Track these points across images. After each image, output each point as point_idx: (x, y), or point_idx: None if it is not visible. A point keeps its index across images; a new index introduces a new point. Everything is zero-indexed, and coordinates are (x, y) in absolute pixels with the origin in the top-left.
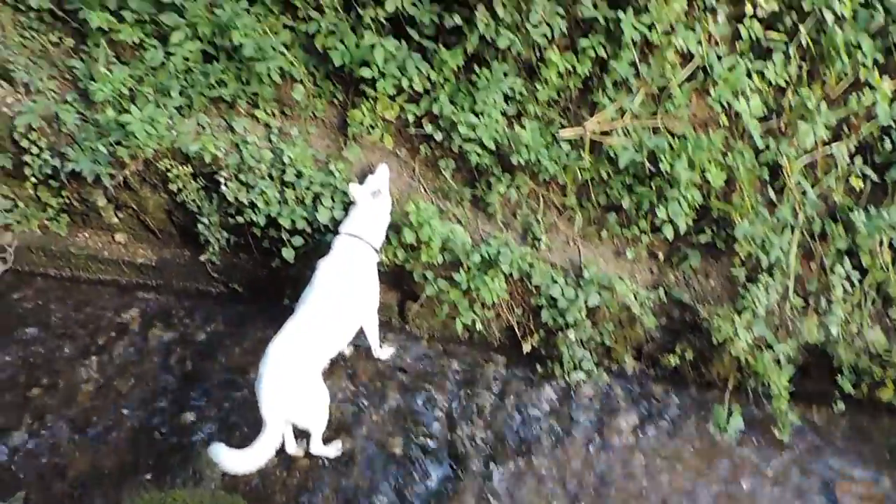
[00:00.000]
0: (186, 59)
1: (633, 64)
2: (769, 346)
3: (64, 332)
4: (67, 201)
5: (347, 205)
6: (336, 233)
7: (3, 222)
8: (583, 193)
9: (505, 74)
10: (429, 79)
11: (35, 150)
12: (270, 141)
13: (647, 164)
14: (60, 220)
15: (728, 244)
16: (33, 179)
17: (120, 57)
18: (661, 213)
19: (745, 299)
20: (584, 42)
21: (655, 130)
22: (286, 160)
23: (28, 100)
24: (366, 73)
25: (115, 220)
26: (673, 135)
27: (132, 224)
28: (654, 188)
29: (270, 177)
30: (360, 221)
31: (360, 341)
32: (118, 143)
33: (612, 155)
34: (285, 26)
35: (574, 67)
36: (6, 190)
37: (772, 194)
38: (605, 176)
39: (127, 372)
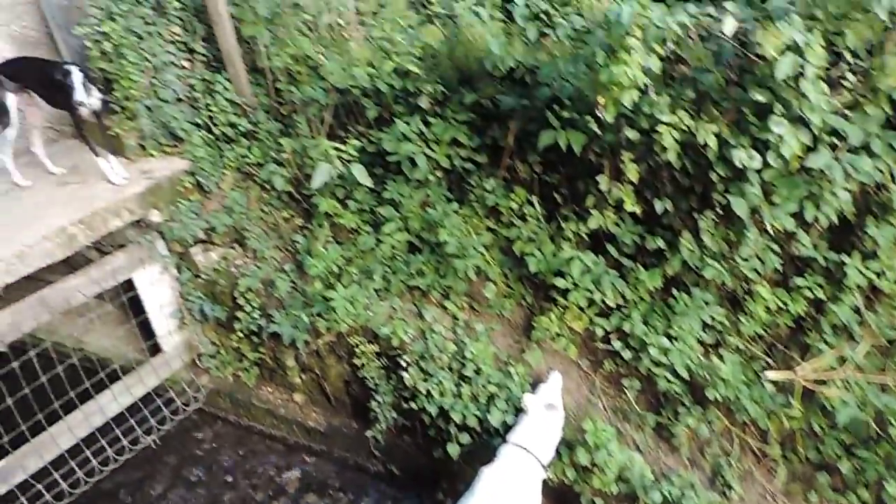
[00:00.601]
0: (393, 248)
1: (857, 310)
2: None
3: (227, 481)
4: (262, 357)
5: (519, 411)
6: (504, 440)
7: (205, 365)
8: (788, 444)
9: (706, 302)
10: (623, 295)
11: (248, 308)
12: (455, 333)
13: (874, 425)
14: (251, 371)
15: None
16: (240, 333)
17: (336, 237)
18: (891, 488)
19: None
20: (799, 280)
21: (884, 388)
22: (468, 354)
23: (253, 264)
24: (560, 282)
25: (298, 380)
26: None
27: (311, 387)
28: (881, 456)
29: (450, 368)
30: (531, 433)
31: None
32: (319, 315)
33: (828, 408)
34: (488, 229)
35: (786, 305)
36: (215, 337)
37: None
38: (817, 430)
39: None
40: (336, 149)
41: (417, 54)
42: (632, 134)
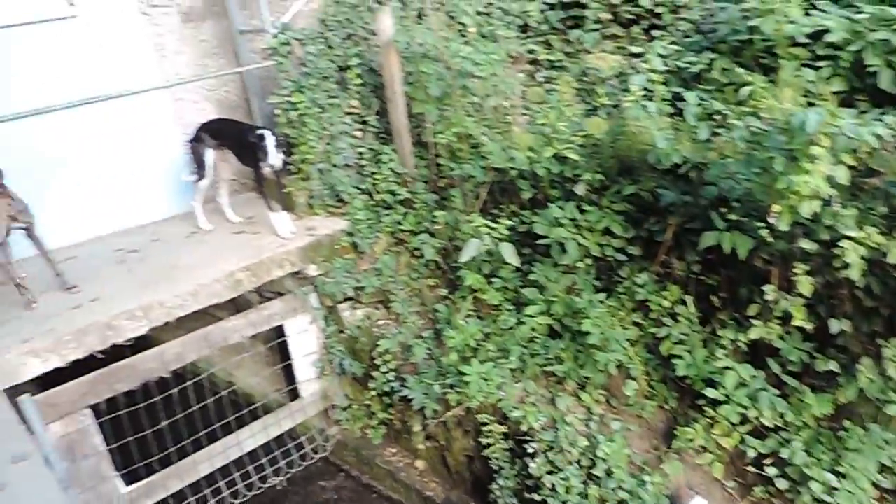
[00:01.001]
0: (533, 330)
1: None
2: None
3: None
4: (390, 418)
5: None
6: None
7: (337, 417)
8: None
9: (886, 442)
10: (783, 417)
11: (384, 368)
12: (588, 427)
13: None
14: (378, 430)
15: None
16: (373, 391)
17: (478, 312)
18: None
19: None
20: None
21: None
22: (600, 453)
23: (395, 327)
24: (710, 392)
25: (422, 447)
26: None
27: (434, 456)
28: None
29: (579, 464)
30: None
31: None
32: (451, 387)
33: None
34: (635, 323)
35: None
36: (349, 391)
37: None
38: None
39: None
40: (487, 226)
41: (579, 142)
42: (808, 245)
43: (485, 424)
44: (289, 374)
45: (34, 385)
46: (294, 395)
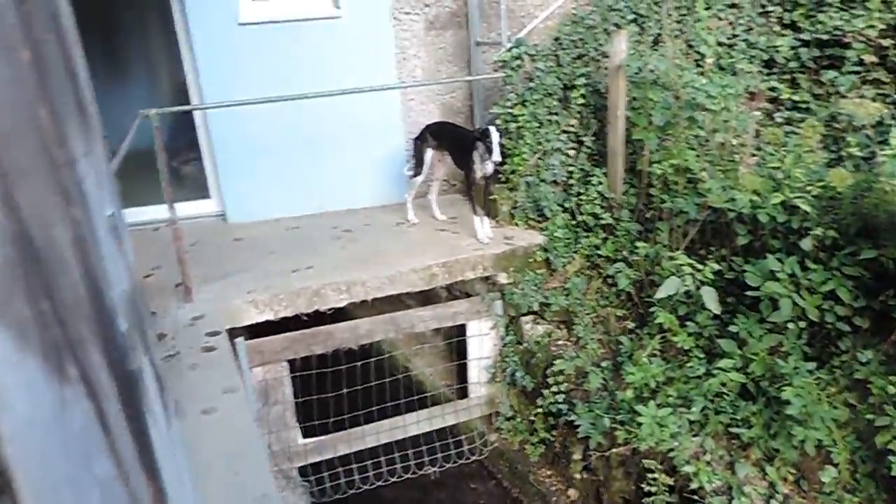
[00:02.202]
0: (723, 385)
1: None
2: None
3: None
4: (551, 439)
5: None
6: None
7: (499, 425)
8: None
9: None
10: None
11: (555, 389)
12: None
13: None
14: (536, 448)
15: None
16: (539, 409)
17: (664, 353)
18: None
19: None
20: None
21: None
22: None
23: (573, 350)
24: None
25: (578, 476)
26: None
27: (588, 489)
28: None
29: None
30: None
31: None
32: (621, 423)
33: None
34: (847, 404)
35: None
36: (515, 403)
37: None
38: None
39: None
40: (692, 266)
41: (814, 192)
42: None
43: (650, 471)
44: (460, 373)
45: (245, 331)
46: (462, 394)
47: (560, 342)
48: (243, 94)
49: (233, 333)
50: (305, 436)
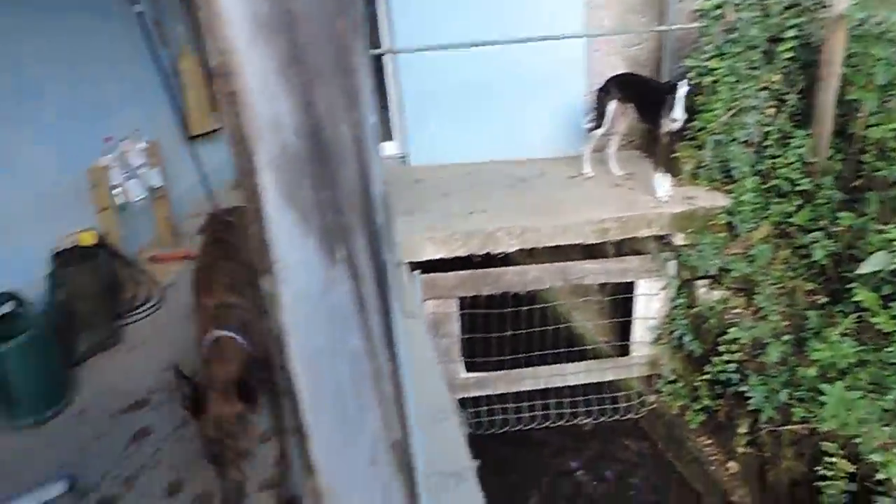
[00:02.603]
0: None
1: None
2: None
3: (629, 496)
4: (715, 408)
5: None
6: None
7: (658, 387)
8: None
9: None
10: None
11: (726, 357)
12: None
13: None
14: (697, 416)
15: None
16: (706, 376)
17: (858, 333)
18: None
19: None
20: None
21: None
22: None
23: (751, 320)
24: None
25: (740, 450)
26: None
27: (751, 464)
28: None
29: None
30: None
31: None
32: (800, 401)
33: None
34: None
35: None
36: (679, 367)
37: None
38: None
39: None
40: None
41: None
42: None
43: (829, 455)
44: (623, 331)
45: (419, 266)
46: (622, 351)
47: (737, 310)
48: (431, 40)
49: (410, 267)
50: (468, 370)
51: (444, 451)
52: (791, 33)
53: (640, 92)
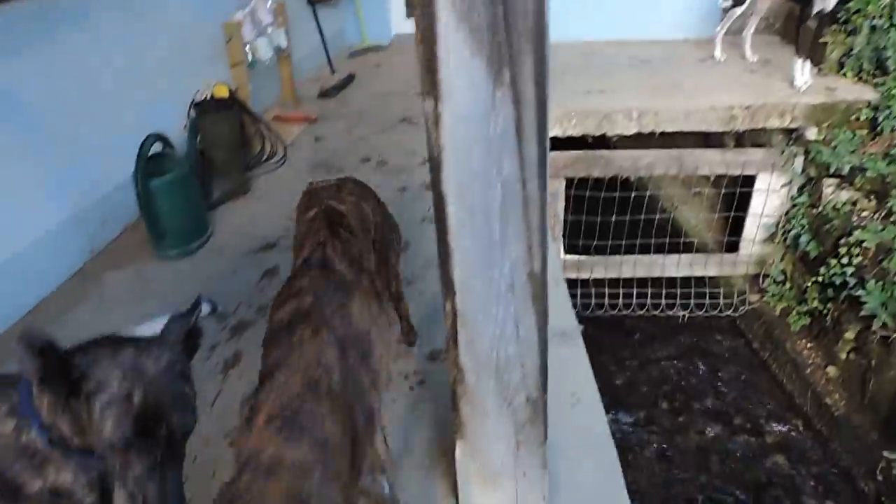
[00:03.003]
0: None
1: None
2: None
3: (720, 392)
4: (822, 312)
5: None
6: None
7: (764, 287)
8: None
9: None
10: None
11: (845, 261)
12: None
13: None
14: (801, 318)
15: None
16: (819, 278)
17: None
18: None
19: None
20: None
21: None
22: None
23: (881, 224)
24: None
25: (843, 356)
26: None
27: (852, 370)
28: None
29: None
30: None
31: None
32: None
33: None
34: None
35: None
36: (789, 268)
37: None
38: None
39: None
40: None
41: None
42: None
43: None
44: (732, 227)
45: None
46: (729, 247)
47: (864, 213)
48: None
49: None
50: (568, 252)
51: (553, 312)
52: None
53: None
